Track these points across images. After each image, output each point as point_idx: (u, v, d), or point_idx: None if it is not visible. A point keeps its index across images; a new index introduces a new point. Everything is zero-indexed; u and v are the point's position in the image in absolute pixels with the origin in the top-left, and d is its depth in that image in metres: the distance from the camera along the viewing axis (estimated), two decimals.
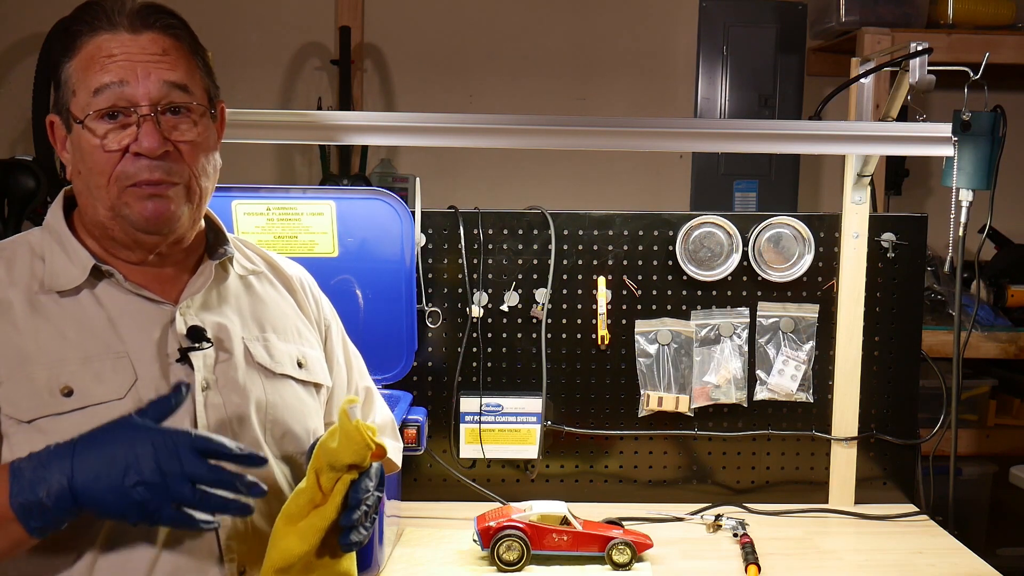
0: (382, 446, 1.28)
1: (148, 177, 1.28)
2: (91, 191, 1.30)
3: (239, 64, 3.50)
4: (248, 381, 1.35)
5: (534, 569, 1.82)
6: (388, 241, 2.01)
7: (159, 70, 1.28)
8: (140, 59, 1.28)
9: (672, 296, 2.18)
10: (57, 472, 1.12)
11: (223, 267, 1.41)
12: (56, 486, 1.12)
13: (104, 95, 1.26)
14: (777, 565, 1.87)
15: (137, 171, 1.27)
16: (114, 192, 1.28)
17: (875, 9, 3.13)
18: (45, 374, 1.24)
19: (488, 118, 1.90)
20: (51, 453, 1.14)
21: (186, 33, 1.34)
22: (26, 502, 1.12)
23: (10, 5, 3.50)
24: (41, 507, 1.12)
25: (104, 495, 1.12)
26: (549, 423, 2.17)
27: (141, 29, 1.29)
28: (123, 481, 1.11)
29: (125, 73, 1.27)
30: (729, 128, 2.02)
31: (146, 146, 1.27)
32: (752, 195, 3.18)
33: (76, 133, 1.29)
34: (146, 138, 1.27)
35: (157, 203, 1.29)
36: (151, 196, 1.28)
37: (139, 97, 1.27)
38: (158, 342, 1.30)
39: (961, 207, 1.92)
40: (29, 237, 1.36)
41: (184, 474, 1.12)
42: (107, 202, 1.29)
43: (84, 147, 1.28)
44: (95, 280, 1.31)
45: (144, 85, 1.27)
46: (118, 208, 1.28)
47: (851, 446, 2.19)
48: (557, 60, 3.67)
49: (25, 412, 1.22)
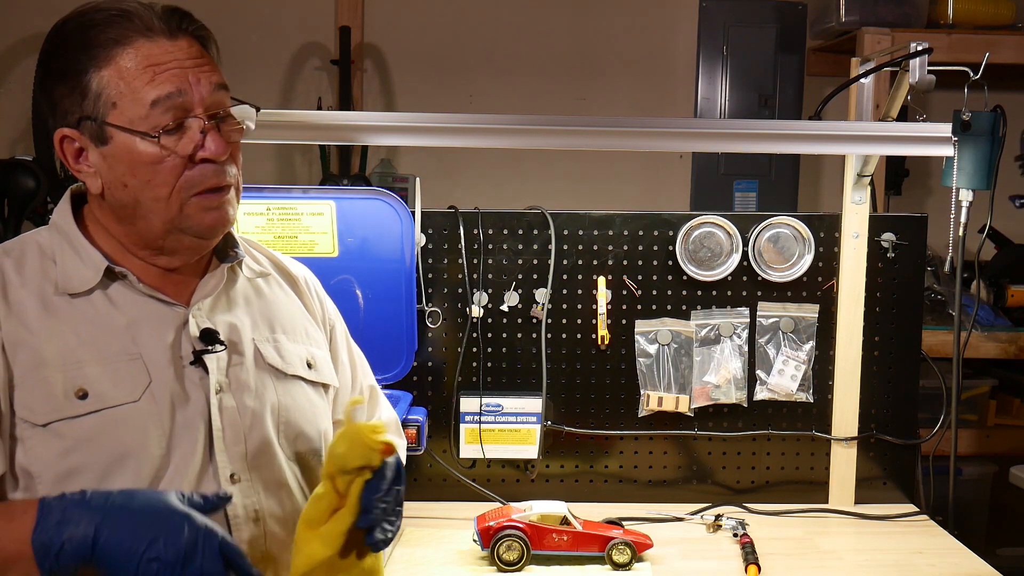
0: (390, 444, 1.28)
1: (216, 182, 1.29)
2: (143, 203, 1.28)
3: (239, 64, 3.50)
4: (260, 383, 1.35)
5: (534, 569, 1.82)
6: (388, 241, 2.01)
7: (205, 73, 1.28)
8: (188, 65, 1.27)
9: (672, 296, 2.18)
10: (86, 520, 1.09)
11: (233, 269, 1.41)
12: (80, 534, 1.09)
13: (163, 106, 1.25)
14: (777, 565, 1.87)
15: (204, 178, 1.28)
16: (176, 203, 1.27)
17: (875, 9, 3.13)
18: (60, 377, 1.23)
19: (488, 118, 1.90)
20: (84, 499, 1.12)
21: (210, 34, 1.34)
22: (48, 541, 1.09)
23: (10, 5, 3.50)
24: (60, 550, 1.09)
25: (120, 558, 1.09)
26: (549, 423, 2.17)
27: (177, 33, 1.28)
28: (144, 552, 1.08)
29: (179, 82, 1.26)
30: (729, 128, 2.02)
31: (215, 150, 1.27)
32: (752, 195, 3.19)
33: (122, 146, 1.26)
34: (214, 143, 1.27)
35: (220, 212, 1.30)
36: (216, 207, 1.30)
37: (196, 104, 1.27)
38: (172, 345, 1.30)
39: (961, 207, 1.91)
40: (37, 237, 1.34)
41: (202, 570, 1.10)
42: (166, 214, 1.28)
43: (140, 159, 1.26)
44: (108, 281, 1.30)
45: (198, 91, 1.27)
46: (177, 221, 1.28)
47: (851, 446, 2.19)
48: (557, 60, 3.67)
49: (40, 416, 1.21)
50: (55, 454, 1.21)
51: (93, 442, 1.21)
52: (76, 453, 1.21)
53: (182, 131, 1.26)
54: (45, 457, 1.20)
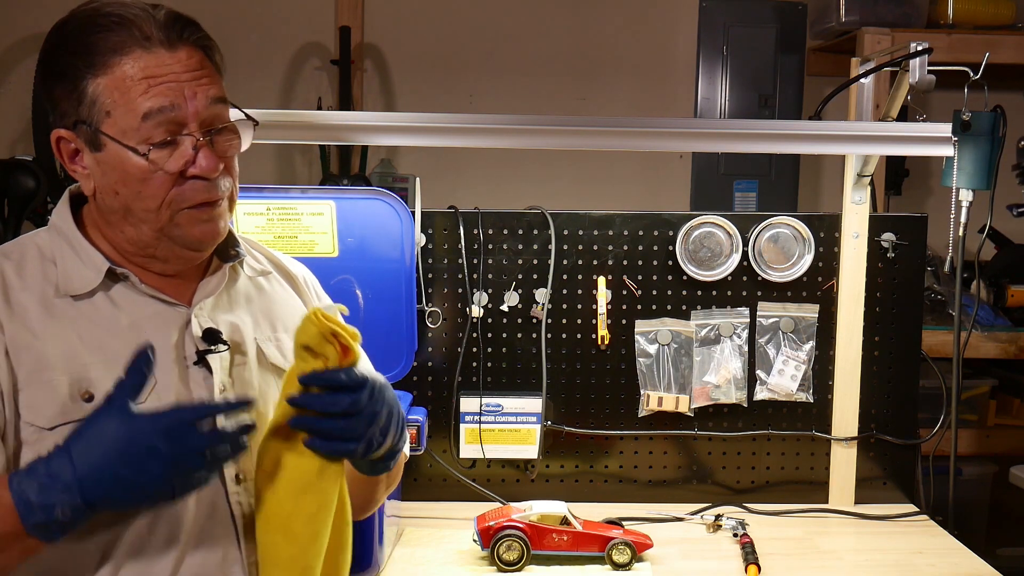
0: (347, 340, 1.19)
1: (206, 198, 1.27)
2: (134, 213, 1.27)
3: (239, 64, 3.50)
4: (263, 382, 1.35)
5: (534, 569, 1.82)
6: (388, 241, 2.01)
7: (203, 87, 1.26)
8: (185, 79, 1.25)
9: (672, 296, 2.18)
10: (63, 491, 1.10)
11: (234, 269, 1.41)
12: (69, 503, 1.10)
13: (155, 120, 1.23)
14: (777, 565, 1.87)
15: (194, 193, 1.26)
16: (166, 216, 1.26)
17: (875, 9, 3.14)
18: (65, 379, 1.22)
19: (488, 118, 1.90)
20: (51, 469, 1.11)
21: (212, 43, 1.31)
22: (40, 523, 1.10)
23: (10, 5, 3.50)
24: (59, 524, 1.11)
25: (119, 496, 1.11)
26: (549, 423, 2.17)
27: (177, 44, 1.25)
28: (135, 479, 1.10)
29: (174, 96, 1.24)
30: (729, 128, 2.02)
31: (206, 167, 1.26)
32: (752, 195, 3.18)
33: (114, 155, 1.25)
34: (205, 160, 1.26)
35: (210, 225, 1.29)
36: (207, 220, 1.28)
37: (189, 118, 1.25)
38: (175, 345, 1.29)
39: (961, 207, 1.91)
40: (36, 239, 1.33)
41: (188, 449, 1.12)
42: (156, 225, 1.27)
43: (130, 172, 1.24)
44: (110, 282, 1.30)
45: (192, 105, 1.25)
46: (168, 231, 1.27)
47: (851, 446, 2.19)
48: (557, 60, 3.67)
49: (47, 419, 1.21)
50: None
51: None
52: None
53: (173, 146, 1.25)
54: None
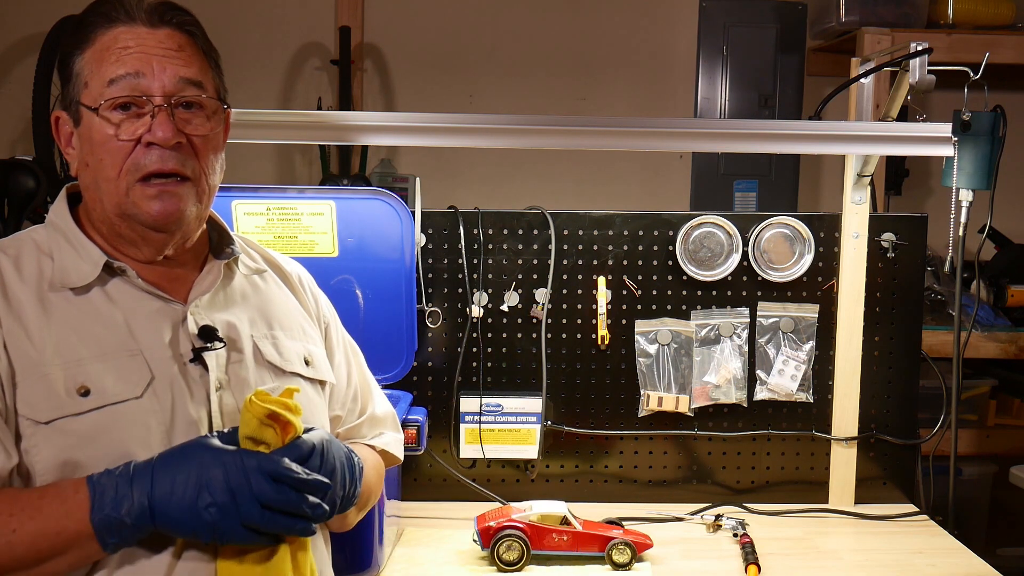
0: (285, 416, 1.22)
1: (160, 167, 1.27)
2: (99, 184, 1.29)
3: (239, 64, 3.50)
4: (259, 380, 1.35)
5: (534, 569, 1.82)
6: (388, 241, 2.01)
7: (174, 65, 1.29)
8: (156, 52, 1.28)
9: (672, 296, 2.18)
10: (138, 491, 1.16)
11: (229, 266, 1.41)
12: (137, 505, 1.15)
13: (119, 85, 1.26)
14: (777, 565, 1.87)
15: (149, 162, 1.27)
16: (123, 186, 1.27)
17: (875, 9, 3.14)
18: (61, 374, 1.23)
19: (488, 118, 1.90)
20: (131, 471, 1.17)
21: (200, 32, 1.34)
22: (107, 518, 1.15)
23: (10, 5, 3.50)
24: (121, 524, 1.15)
25: (180, 515, 1.15)
26: (549, 423, 2.17)
27: (159, 24, 1.30)
28: (197, 502, 1.15)
29: (141, 65, 1.27)
30: (729, 128, 2.02)
31: (160, 136, 1.26)
32: (752, 195, 3.19)
33: (86, 124, 1.28)
34: (160, 128, 1.27)
35: (165, 202, 1.28)
36: (159, 195, 1.28)
37: (154, 89, 1.27)
38: (171, 342, 1.30)
39: (961, 207, 1.92)
40: (33, 235, 1.35)
41: (252, 497, 1.16)
42: (115, 197, 1.28)
43: (95, 137, 1.27)
44: (106, 277, 1.31)
45: (159, 78, 1.27)
46: (125, 207, 1.28)
47: (851, 446, 2.19)
48: (557, 60, 3.67)
49: (43, 413, 1.22)
50: (58, 451, 1.21)
51: (96, 439, 1.22)
52: (78, 450, 1.21)
53: (134, 114, 1.27)
54: (48, 454, 1.21)
